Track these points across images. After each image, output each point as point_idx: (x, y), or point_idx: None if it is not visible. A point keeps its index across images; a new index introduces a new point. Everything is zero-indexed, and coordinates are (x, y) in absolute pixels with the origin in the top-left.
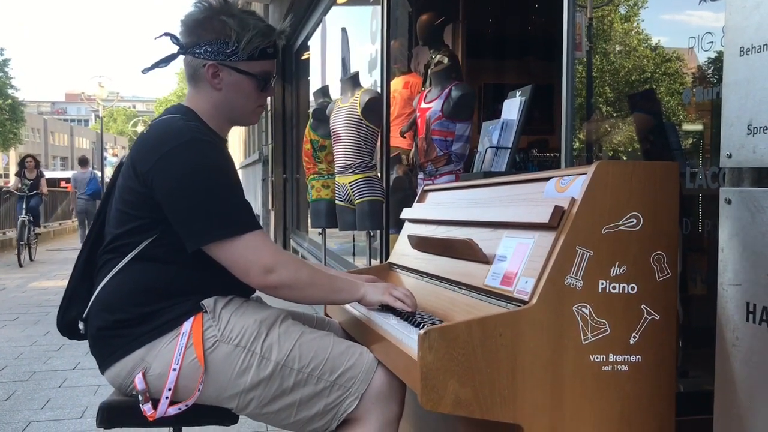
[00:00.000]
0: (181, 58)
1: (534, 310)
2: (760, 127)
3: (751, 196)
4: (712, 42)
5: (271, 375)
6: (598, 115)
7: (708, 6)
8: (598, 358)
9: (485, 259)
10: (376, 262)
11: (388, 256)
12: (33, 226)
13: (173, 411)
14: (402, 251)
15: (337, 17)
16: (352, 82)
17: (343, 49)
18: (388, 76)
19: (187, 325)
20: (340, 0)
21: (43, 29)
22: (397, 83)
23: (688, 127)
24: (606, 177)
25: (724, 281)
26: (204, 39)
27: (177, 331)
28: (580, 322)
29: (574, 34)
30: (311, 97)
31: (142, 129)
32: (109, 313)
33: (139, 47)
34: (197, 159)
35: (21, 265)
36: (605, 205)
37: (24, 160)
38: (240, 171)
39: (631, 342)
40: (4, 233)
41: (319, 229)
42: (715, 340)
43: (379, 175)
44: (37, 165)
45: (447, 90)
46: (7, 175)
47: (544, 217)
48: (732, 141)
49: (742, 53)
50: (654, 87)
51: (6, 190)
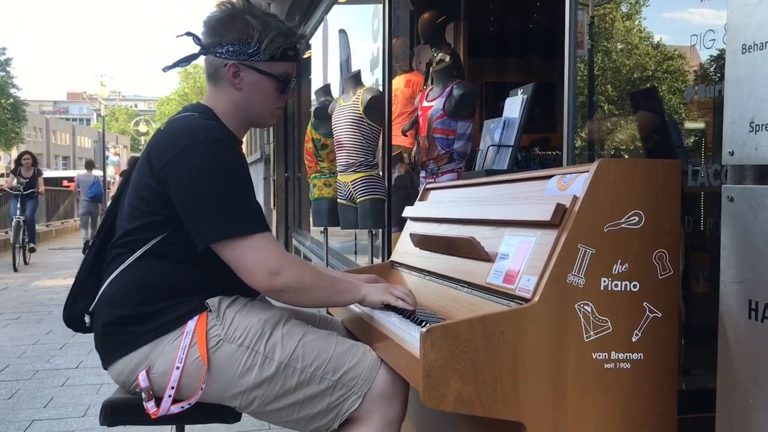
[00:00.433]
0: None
1: (536, 308)
2: (762, 125)
3: (753, 194)
4: (714, 39)
5: (274, 374)
6: (600, 114)
7: (710, 3)
8: (600, 356)
9: (487, 257)
10: (378, 261)
11: (390, 254)
12: (27, 228)
13: (176, 409)
14: (404, 249)
15: (339, 16)
16: (354, 80)
17: (341, 52)
18: (390, 74)
19: (191, 324)
20: None
21: (45, 28)
22: (398, 82)
23: (690, 124)
24: (608, 175)
25: (726, 279)
26: (226, 39)
27: (181, 330)
28: (582, 320)
29: (575, 32)
30: (313, 96)
31: (144, 128)
32: (115, 309)
33: (141, 46)
34: (211, 157)
35: (16, 270)
36: (607, 203)
37: (20, 157)
38: None
39: (633, 340)
40: (6, 232)
41: (321, 228)
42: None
43: (380, 173)
44: (34, 162)
45: (449, 88)
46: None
47: (546, 215)
48: (734, 138)
49: (744, 51)
50: (656, 85)
51: (1, 188)
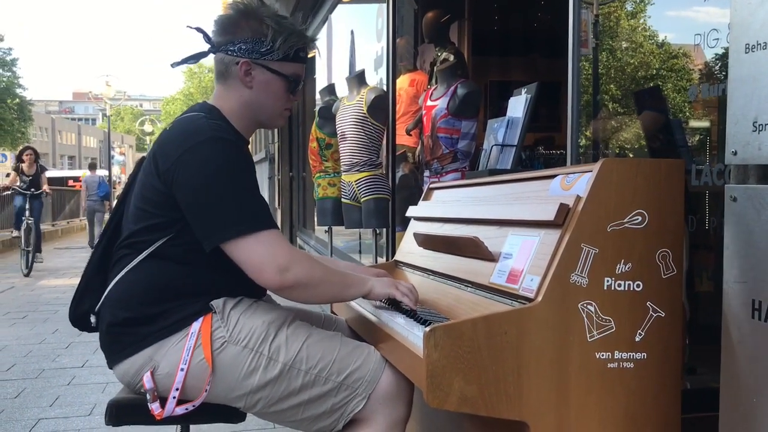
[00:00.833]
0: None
1: (539, 308)
2: (766, 124)
3: (756, 194)
4: (718, 39)
5: (278, 376)
6: (604, 113)
7: (714, 2)
8: (603, 356)
9: (491, 257)
10: (382, 260)
11: (394, 253)
12: (34, 234)
13: (180, 410)
14: (408, 249)
15: (343, 15)
16: (358, 80)
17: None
18: (394, 73)
19: (196, 326)
20: None
21: (51, 29)
22: (402, 81)
23: (694, 123)
24: (611, 174)
25: (729, 278)
26: (239, 37)
27: (186, 331)
28: (586, 319)
29: (580, 31)
30: (317, 95)
31: (149, 127)
32: (120, 311)
33: (146, 46)
34: (217, 158)
35: (29, 275)
36: (610, 202)
37: (21, 153)
38: None
39: (637, 339)
40: (12, 232)
41: (326, 227)
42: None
43: (384, 172)
44: (36, 158)
45: (453, 87)
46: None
47: (550, 214)
48: (737, 138)
49: (748, 50)
50: (660, 84)
51: (5, 186)
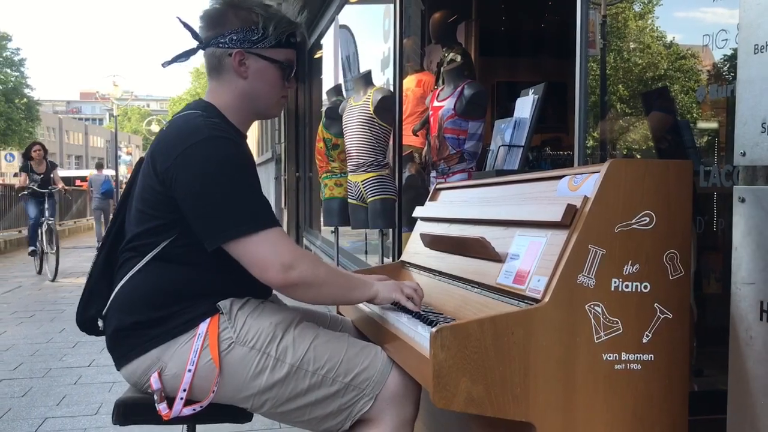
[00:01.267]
0: (198, 54)
1: (546, 309)
2: None
3: (765, 195)
4: (727, 39)
5: (285, 377)
6: (612, 113)
7: (722, 3)
8: (610, 357)
9: (498, 258)
10: (388, 261)
11: (400, 254)
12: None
13: (188, 411)
14: (414, 250)
15: (350, 16)
16: (365, 80)
17: (342, 49)
18: (401, 74)
19: (203, 327)
20: None
21: (58, 29)
22: (409, 81)
23: (702, 125)
24: (619, 175)
25: (737, 280)
26: (228, 28)
27: (193, 332)
28: (593, 320)
29: (587, 31)
30: (324, 96)
31: (156, 127)
32: (126, 314)
33: (153, 46)
34: (215, 156)
35: (54, 280)
36: (618, 203)
37: (29, 149)
38: None
39: (644, 341)
40: (20, 231)
41: (332, 228)
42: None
43: (391, 173)
44: (45, 154)
45: (460, 88)
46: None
47: (557, 215)
48: (746, 139)
49: (757, 51)
50: (668, 85)
51: (21, 187)
